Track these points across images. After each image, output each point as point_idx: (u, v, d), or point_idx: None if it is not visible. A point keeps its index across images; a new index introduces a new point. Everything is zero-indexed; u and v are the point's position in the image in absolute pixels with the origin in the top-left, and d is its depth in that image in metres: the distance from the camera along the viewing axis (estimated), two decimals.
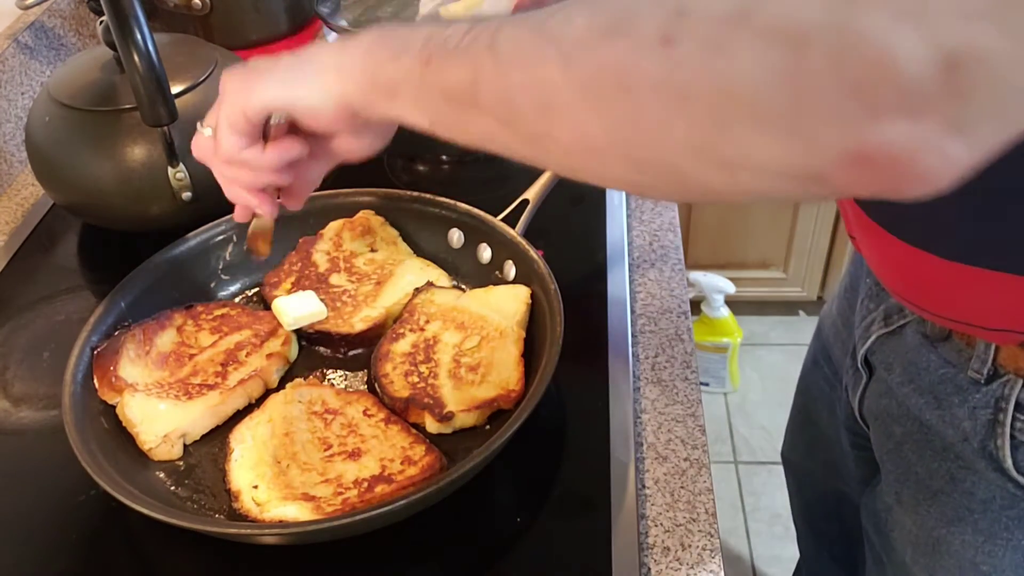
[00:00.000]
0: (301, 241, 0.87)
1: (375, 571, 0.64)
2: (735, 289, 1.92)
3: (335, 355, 0.79)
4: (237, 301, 0.85)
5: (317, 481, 0.65)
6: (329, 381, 0.77)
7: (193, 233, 0.83)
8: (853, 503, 0.90)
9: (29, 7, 1.10)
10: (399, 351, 0.75)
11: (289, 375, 0.77)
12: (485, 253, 0.84)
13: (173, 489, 0.67)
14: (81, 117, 0.87)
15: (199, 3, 1.23)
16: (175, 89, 0.85)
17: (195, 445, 0.71)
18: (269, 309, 0.81)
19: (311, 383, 0.75)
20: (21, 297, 0.89)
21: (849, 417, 0.83)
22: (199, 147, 0.60)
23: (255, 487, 0.65)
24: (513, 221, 0.82)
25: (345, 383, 0.77)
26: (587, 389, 0.74)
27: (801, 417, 1.04)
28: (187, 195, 0.86)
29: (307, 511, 0.62)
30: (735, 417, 2.03)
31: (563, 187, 0.84)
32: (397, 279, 0.83)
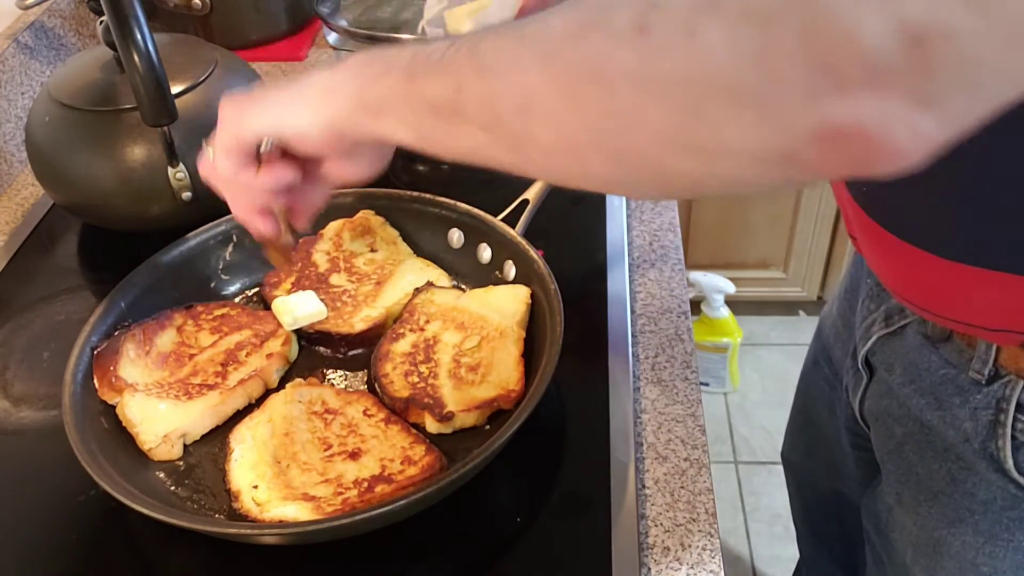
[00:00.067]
0: (301, 241, 0.87)
1: (375, 571, 0.64)
2: (735, 289, 1.92)
3: (335, 355, 0.79)
4: (237, 301, 0.85)
5: (317, 481, 0.65)
6: (329, 381, 0.77)
7: (193, 233, 0.83)
8: (853, 504, 0.90)
9: (29, 7, 1.10)
10: (399, 351, 0.75)
11: (289, 375, 0.77)
12: (485, 253, 0.84)
13: (173, 489, 0.67)
14: (81, 117, 0.87)
15: (199, 3, 1.23)
16: (175, 89, 0.85)
17: (195, 445, 0.71)
18: (269, 309, 0.81)
19: (311, 383, 0.74)
20: (21, 297, 0.89)
21: (849, 418, 0.83)
22: (203, 166, 0.62)
23: (255, 487, 0.65)
24: (513, 221, 0.82)
25: (345, 383, 0.77)
26: (587, 389, 0.74)
27: (801, 417, 1.04)
28: (187, 195, 0.86)
29: (307, 511, 0.62)
30: (735, 417, 2.03)
31: (563, 187, 0.84)
32: (397, 279, 0.83)
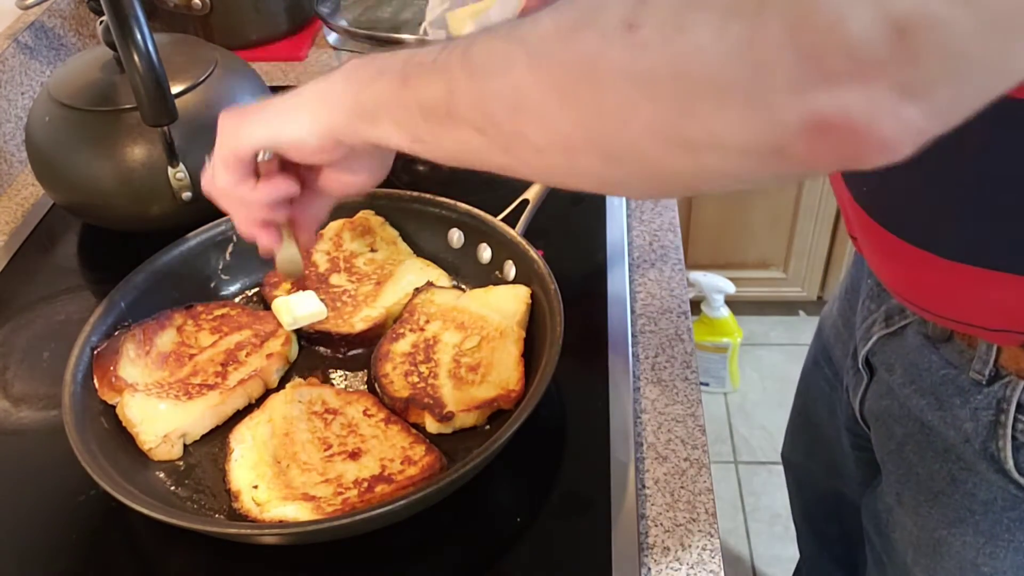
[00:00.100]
0: None
1: (375, 571, 0.64)
2: (735, 289, 1.92)
3: (335, 355, 0.79)
4: (237, 301, 0.85)
5: (317, 481, 0.65)
6: (329, 381, 0.77)
7: (193, 233, 0.83)
8: (853, 504, 0.90)
9: (29, 7, 1.10)
10: (399, 351, 0.75)
11: (289, 375, 0.77)
12: (485, 253, 0.84)
13: (173, 489, 0.67)
14: (81, 117, 0.87)
15: (199, 3, 1.23)
16: (175, 89, 0.85)
17: (195, 445, 0.71)
18: (269, 309, 0.81)
19: (311, 383, 0.74)
20: (21, 297, 0.89)
21: (850, 418, 0.83)
22: (204, 180, 0.62)
23: (255, 487, 0.65)
24: (513, 221, 0.82)
25: (345, 383, 0.77)
26: (587, 389, 0.74)
27: (801, 418, 1.04)
28: (187, 195, 0.86)
29: (307, 511, 0.62)
30: (735, 417, 2.03)
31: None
32: (397, 279, 0.83)
